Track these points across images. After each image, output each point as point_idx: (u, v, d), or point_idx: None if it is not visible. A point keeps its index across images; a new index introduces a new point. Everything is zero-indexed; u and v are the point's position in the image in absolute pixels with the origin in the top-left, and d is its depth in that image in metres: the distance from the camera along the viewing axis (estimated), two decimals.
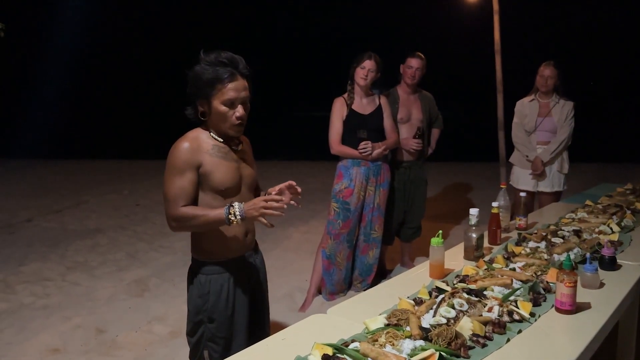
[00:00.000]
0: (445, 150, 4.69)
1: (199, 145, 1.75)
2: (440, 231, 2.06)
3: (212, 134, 1.78)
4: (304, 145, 10.66)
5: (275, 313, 3.22)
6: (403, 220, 3.91)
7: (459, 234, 4.75)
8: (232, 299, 1.86)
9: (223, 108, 1.72)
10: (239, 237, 1.86)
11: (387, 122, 3.48)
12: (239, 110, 1.73)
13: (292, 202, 1.81)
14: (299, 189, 1.80)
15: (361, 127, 3.37)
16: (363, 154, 3.32)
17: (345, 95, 3.42)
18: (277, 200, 1.63)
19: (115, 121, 17.55)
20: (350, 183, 3.39)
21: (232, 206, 1.67)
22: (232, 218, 1.66)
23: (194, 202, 1.76)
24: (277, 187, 1.80)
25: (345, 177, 3.40)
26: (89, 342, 3.04)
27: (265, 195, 1.82)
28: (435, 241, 2.02)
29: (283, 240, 4.92)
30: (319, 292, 3.60)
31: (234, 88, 1.71)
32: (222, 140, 1.79)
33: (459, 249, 2.32)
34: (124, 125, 16.56)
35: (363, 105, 3.43)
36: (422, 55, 3.69)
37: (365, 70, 3.30)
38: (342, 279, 3.55)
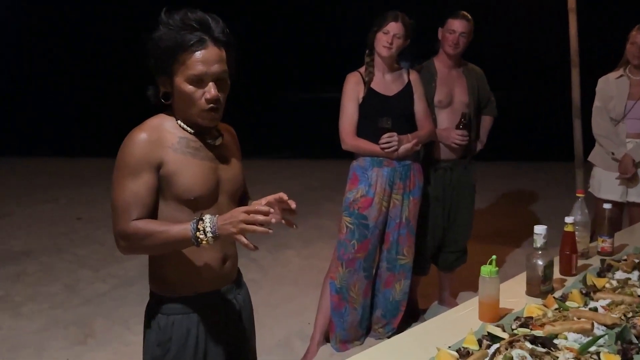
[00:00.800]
0: (499, 145, 4.72)
1: (161, 138, 1.76)
2: (494, 256, 2.07)
3: (179, 122, 1.80)
4: (306, 138, 10.73)
5: None
6: (442, 242, 3.90)
7: (519, 261, 4.71)
8: (202, 349, 1.87)
9: (188, 87, 1.73)
10: (213, 265, 1.86)
11: (420, 106, 3.48)
12: (210, 90, 1.73)
13: (284, 221, 1.82)
14: (293, 205, 1.80)
15: (384, 114, 3.36)
16: (386, 150, 3.33)
17: (362, 69, 3.42)
18: (264, 213, 1.62)
19: (54, 109, 17.59)
20: (368, 190, 3.39)
21: (202, 219, 1.66)
22: (201, 236, 1.65)
23: (152, 214, 1.77)
24: (263, 200, 1.80)
25: (362, 181, 3.40)
26: None
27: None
28: (487, 270, 2.02)
29: (277, 268, 4.89)
30: (327, 339, 3.61)
31: (203, 60, 1.71)
32: (192, 131, 1.81)
33: (518, 282, 2.33)
34: (64, 115, 16.57)
35: (386, 83, 3.43)
36: (469, 16, 3.71)
37: (389, 35, 3.30)
38: (357, 322, 3.56)
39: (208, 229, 1.64)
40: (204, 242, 1.65)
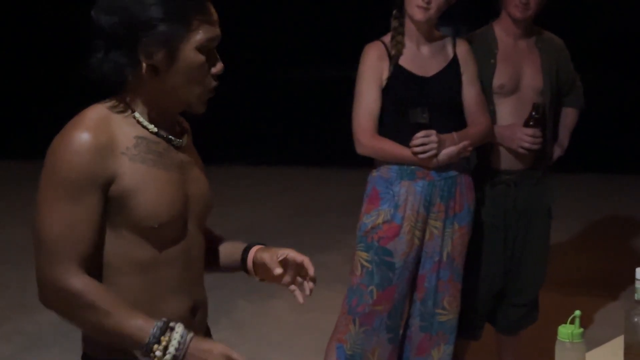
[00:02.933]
0: (585, 150, 4.57)
1: (112, 140, 1.46)
2: (578, 312, 1.74)
3: (136, 115, 1.51)
4: (303, 136, 9.27)
5: None
6: (502, 290, 3.26)
7: (613, 319, 3.94)
8: None
9: (200, 57, 1.49)
10: (179, 317, 1.53)
11: (471, 92, 2.98)
12: (219, 62, 1.56)
13: (294, 290, 1.66)
14: (312, 271, 1.63)
15: (418, 103, 2.88)
16: (420, 156, 2.83)
17: (387, 38, 2.92)
18: None
19: None
20: (394, 213, 2.89)
21: (172, 329, 1.40)
22: (159, 353, 1.37)
23: (95, 250, 1.48)
24: (279, 253, 1.62)
25: (386, 200, 2.92)
26: None
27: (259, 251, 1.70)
28: (568, 332, 1.74)
29: (261, 327, 4.13)
30: None
31: (215, 19, 1.54)
32: (154, 129, 1.52)
33: (613, 349, 2.00)
34: None
35: (422, 58, 2.95)
36: None
37: None
38: None
39: (172, 349, 1.40)
40: None
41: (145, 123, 1.51)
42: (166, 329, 1.41)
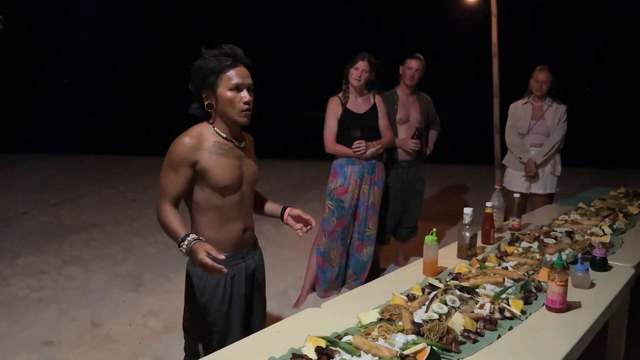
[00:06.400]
0: (442, 152, 4.65)
1: (200, 142, 1.73)
2: (435, 229, 2.06)
3: (215, 129, 1.77)
4: (301, 145, 10.31)
5: (270, 309, 3.11)
6: (400, 220, 3.86)
7: (453, 235, 4.67)
8: (228, 294, 1.85)
9: (229, 94, 1.71)
10: (237, 234, 1.86)
11: (382, 121, 3.46)
12: (246, 95, 1.73)
13: (299, 228, 1.98)
14: (313, 222, 1.99)
15: (355, 126, 3.36)
16: (357, 153, 3.31)
17: (341, 94, 3.41)
18: (214, 269, 1.60)
19: (114, 117, 17.42)
20: (344, 181, 3.38)
21: (188, 236, 1.66)
22: (182, 249, 1.66)
23: (182, 197, 1.77)
24: (293, 212, 1.96)
25: (340, 175, 3.39)
26: (83, 335, 3.03)
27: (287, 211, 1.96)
28: (429, 239, 2.02)
29: (279, 238, 4.82)
30: (313, 289, 3.58)
31: (238, 74, 1.71)
32: (225, 136, 1.78)
33: (452, 248, 2.33)
34: (122, 121, 16.43)
35: (358, 104, 3.41)
36: (422, 57, 3.68)
37: (358, 71, 3.30)
38: (335, 277, 3.53)
39: (184, 248, 1.65)
40: (182, 252, 1.67)
41: (221, 133, 1.77)
42: (186, 236, 1.66)
